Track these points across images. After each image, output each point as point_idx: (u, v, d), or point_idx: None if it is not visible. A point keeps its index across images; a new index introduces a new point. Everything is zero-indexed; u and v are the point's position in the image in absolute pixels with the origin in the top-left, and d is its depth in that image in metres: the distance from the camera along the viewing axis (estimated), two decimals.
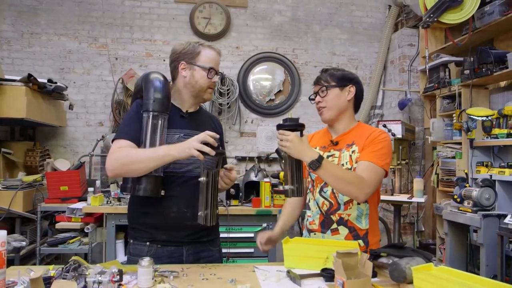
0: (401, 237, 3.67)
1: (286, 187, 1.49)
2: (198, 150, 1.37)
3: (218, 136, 1.43)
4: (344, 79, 1.65)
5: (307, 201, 1.75)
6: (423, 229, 4.17)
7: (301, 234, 3.57)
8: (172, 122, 1.56)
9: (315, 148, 1.71)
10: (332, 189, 1.61)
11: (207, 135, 1.39)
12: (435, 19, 2.96)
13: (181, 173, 1.55)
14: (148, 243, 1.55)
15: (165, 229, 1.54)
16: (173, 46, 1.65)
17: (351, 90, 1.66)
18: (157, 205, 1.53)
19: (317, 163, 1.43)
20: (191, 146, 1.38)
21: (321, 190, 1.65)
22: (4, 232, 1.03)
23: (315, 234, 1.66)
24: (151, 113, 1.49)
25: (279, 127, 1.50)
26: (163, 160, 1.43)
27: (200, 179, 1.41)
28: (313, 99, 1.69)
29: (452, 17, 2.99)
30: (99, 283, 1.07)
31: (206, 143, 1.37)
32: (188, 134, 1.57)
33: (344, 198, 1.60)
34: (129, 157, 1.45)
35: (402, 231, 3.93)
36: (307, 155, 1.45)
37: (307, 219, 1.72)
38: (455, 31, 3.50)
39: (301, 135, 1.50)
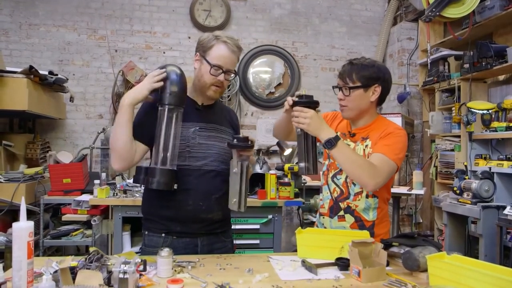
0: (399, 229, 3.74)
1: (302, 164, 1.50)
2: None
3: (161, 73, 1.48)
4: (371, 79, 1.58)
5: (320, 183, 1.77)
6: (421, 221, 4.24)
7: (301, 226, 3.63)
8: (188, 115, 1.55)
9: (336, 132, 1.73)
10: (346, 178, 1.63)
11: (151, 75, 1.47)
12: (437, 13, 2.99)
13: (197, 167, 1.56)
14: (163, 235, 1.57)
15: (180, 221, 1.56)
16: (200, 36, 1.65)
17: (376, 90, 1.60)
18: (173, 198, 1.54)
19: (333, 141, 1.44)
20: (144, 86, 1.46)
21: (334, 176, 1.66)
22: (31, 223, 1.04)
23: (323, 217, 1.69)
24: (166, 106, 1.48)
25: (295, 103, 1.47)
26: (125, 111, 1.45)
27: (233, 170, 1.46)
28: (337, 87, 1.66)
29: (453, 11, 3.03)
30: (125, 272, 1.08)
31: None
32: (203, 127, 1.58)
33: (355, 189, 1.61)
34: (110, 141, 1.54)
35: (400, 223, 3.99)
36: (324, 133, 1.46)
37: (319, 203, 1.76)
38: (455, 25, 3.54)
39: (316, 111, 1.49)
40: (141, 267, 1.18)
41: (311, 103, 1.48)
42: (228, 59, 1.55)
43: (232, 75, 1.60)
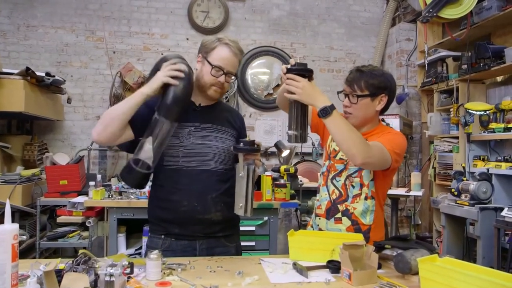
0: (398, 230, 3.72)
1: (290, 132, 1.45)
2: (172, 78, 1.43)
3: (180, 62, 1.47)
4: (379, 88, 1.57)
5: (318, 184, 1.75)
6: (420, 223, 4.22)
7: (299, 228, 3.60)
8: (184, 115, 1.53)
9: None
10: (345, 180, 1.61)
11: (170, 63, 1.46)
12: (434, 14, 2.98)
13: (190, 167, 1.55)
14: (163, 236, 1.56)
15: (177, 223, 1.55)
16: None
17: (382, 100, 1.59)
18: (169, 199, 1.54)
19: (329, 110, 1.39)
20: (159, 75, 1.44)
21: (333, 178, 1.65)
22: (16, 225, 1.04)
23: (320, 219, 1.68)
24: (162, 118, 1.44)
25: (288, 71, 1.42)
26: (135, 100, 1.43)
27: (240, 174, 1.44)
28: (342, 92, 1.64)
29: (451, 12, 3.01)
30: (111, 275, 1.07)
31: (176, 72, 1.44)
32: (199, 127, 1.57)
33: (354, 191, 1.60)
34: (107, 112, 1.46)
35: (399, 224, 3.97)
36: (319, 101, 1.40)
37: (316, 203, 1.74)
38: (453, 26, 3.52)
39: (310, 80, 1.44)
40: (128, 270, 1.17)
41: (304, 70, 1.42)
42: (229, 61, 1.55)
43: (233, 77, 1.60)
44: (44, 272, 0.99)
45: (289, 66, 1.43)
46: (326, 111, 1.39)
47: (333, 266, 1.34)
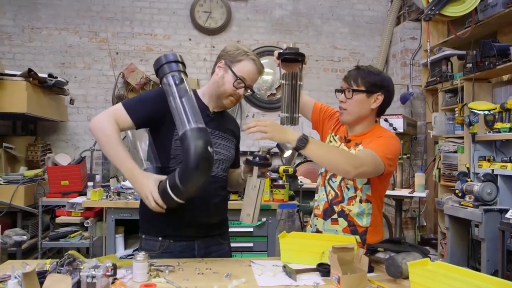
0: (402, 232, 3.66)
1: (282, 114, 1.51)
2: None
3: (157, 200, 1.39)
4: (375, 86, 1.57)
5: (317, 184, 1.74)
6: (425, 224, 4.15)
7: (301, 228, 3.57)
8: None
9: (331, 133, 1.71)
10: (340, 181, 1.60)
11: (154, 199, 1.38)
12: (437, 12, 2.92)
13: None
14: (160, 238, 1.55)
15: (177, 224, 1.54)
16: (227, 45, 1.65)
17: (378, 98, 1.58)
18: None
19: (305, 139, 1.40)
20: (144, 191, 1.39)
21: (329, 179, 1.65)
22: None
23: (317, 219, 1.67)
24: None
25: (279, 55, 1.45)
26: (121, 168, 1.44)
27: (253, 186, 1.51)
28: (340, 91, 1.64)
29: (454, 10, 2.96)
30: (93, 277, 1.06)
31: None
32: (210, 133, 1.55)
33: (349, 193, 1.58)
34: (107, 141, 1.43)
35: (403, 225, 3.91)
36: (291, 135, 1.43)
37: (315, 203, 1.73)
38: (457, 24, 3.46)
39: (303, 64, 1.46)
40: (112, 272, 1.16)
41: (296, 54, 1.44)
42: (252, 76, 1.58)
43: (249, 91, 1.62)
44: (23, 273, 0.98)
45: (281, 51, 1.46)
46: (303, 141, 1.41)
47: (323, 269, 1.32)
